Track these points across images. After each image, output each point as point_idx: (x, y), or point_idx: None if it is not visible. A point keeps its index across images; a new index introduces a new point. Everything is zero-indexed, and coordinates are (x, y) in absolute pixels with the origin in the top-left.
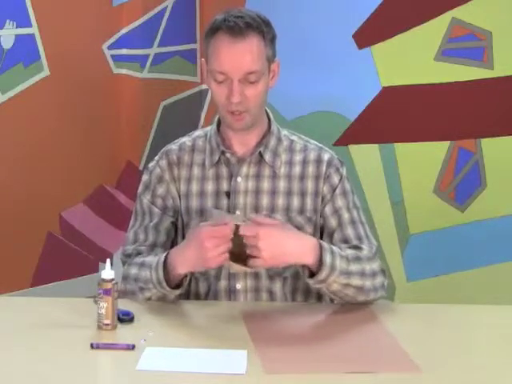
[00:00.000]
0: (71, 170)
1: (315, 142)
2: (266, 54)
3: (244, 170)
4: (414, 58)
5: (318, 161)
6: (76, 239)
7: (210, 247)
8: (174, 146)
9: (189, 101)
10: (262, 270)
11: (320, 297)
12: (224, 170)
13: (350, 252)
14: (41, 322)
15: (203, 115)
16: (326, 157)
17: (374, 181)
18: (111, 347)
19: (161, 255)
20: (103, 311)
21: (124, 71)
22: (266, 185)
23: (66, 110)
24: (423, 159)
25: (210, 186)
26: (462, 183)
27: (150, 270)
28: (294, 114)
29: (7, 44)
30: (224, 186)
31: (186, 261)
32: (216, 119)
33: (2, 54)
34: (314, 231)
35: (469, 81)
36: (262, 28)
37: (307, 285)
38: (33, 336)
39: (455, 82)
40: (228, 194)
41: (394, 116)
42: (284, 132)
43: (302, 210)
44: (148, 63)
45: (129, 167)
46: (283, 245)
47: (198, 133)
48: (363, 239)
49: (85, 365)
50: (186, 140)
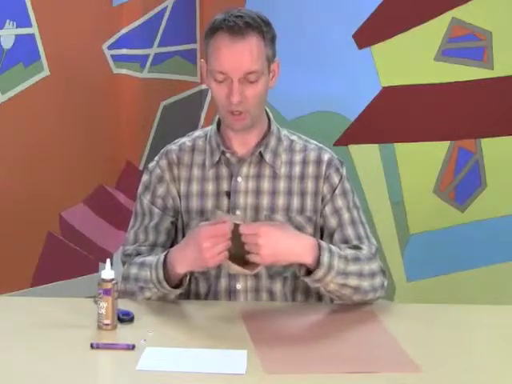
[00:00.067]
0: (71, 170)
1: (315, 142)
2: (266, 54)
3: (244, 170)
4: (414, 58)
5: (318, 161)
6: (76, 239)
7: (209, 246)
8: (173, 146)
9: (189, 101)
10: (262, 270)
11: (320, 296)
12: (224, 170)
13: (350, 252)
14: (41, 322)
15: (203, 115)
16: (325, 157)
17: (374, 181)
18: (111, 347)
19: (160, 255)
20: (103, 311)
21: (124, 71)
22: (266, 185)
23: (66, 110)
24: (423, 159)
25: (210, 187)
26: (462, 183)
27: (149, 269)
28: (294, 114)
29: (7, 44)
30: (224, 186)
31: (185, 260)
32: (216, 119)
33: (2, 54)
34: (314, 231)
35: (469, 81)
36: (261, 28)
37: (307, 284)
38: (33, 336)
39: (455, 82)
40: (228, 194)
41: (394, 116)
42: (284, 132)
43: (302, 210)
44: (148, 63)
45: (129, 167)
46: (282, 243)
47: (198, 133)
48: (363, 239)
49: (85, 365)
50: (185, 140)
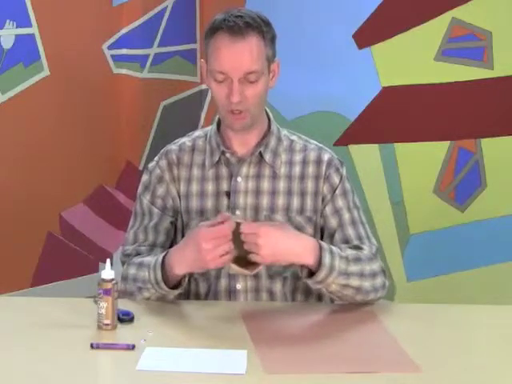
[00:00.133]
0: (71, 170)
1: (315, 142)
2: (266, 54)
3: (244, 170)
4: (414, 58)
5: (318, 161)
6: (76, 239)
7: (210, 248)
8: (173, 146)
9: (189, 101)
10: (262, 270)
11: (320, 296)
12: (224, 170)
13: (351, 252)
14: (41, 322)
15: (203, 115)
16: (325, 157)
17: (374, 181)
18: (111, 347)
19: (159, 255)
20: (103, 311)
21: (124, 71)
22: (266, 185)
23: (66, 110)
24: (423, 159)
25: (210, 187)
26: (462, 183)
27: (148, 270)
28: (294, 114)
29: (7, 44)
30: (224, 186)
31: (183, 261)
32: (216, 119)
33: (2, 54)
34: (314, 231)
35: (469, 81)
36: (261, 28)
37: (307, 284)
38: (33, 336)
39: (455, 82)
40: (228, 194)
41: (394, 116)
42: (284, 132)
43: (302, 210)
44: (148, 63)
45: (129, 167)
46: (282, 243)
47: (198, 133)
48: (364, 239)
49: (85, 365)
50: (185, 140)
